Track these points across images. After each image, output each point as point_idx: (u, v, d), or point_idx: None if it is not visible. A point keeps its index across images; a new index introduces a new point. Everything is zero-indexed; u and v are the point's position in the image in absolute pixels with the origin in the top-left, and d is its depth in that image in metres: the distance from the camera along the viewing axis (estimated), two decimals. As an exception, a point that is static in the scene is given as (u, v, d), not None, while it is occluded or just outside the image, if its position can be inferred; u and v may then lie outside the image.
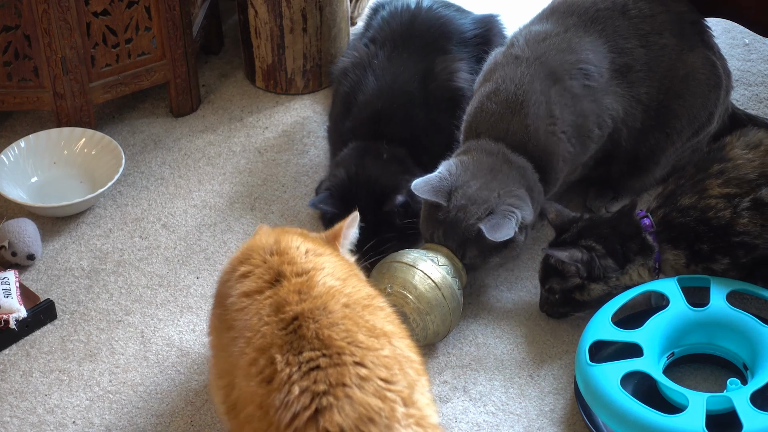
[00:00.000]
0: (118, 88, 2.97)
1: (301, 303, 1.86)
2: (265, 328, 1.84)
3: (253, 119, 3.12)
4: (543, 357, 2.44)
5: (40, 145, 2.89)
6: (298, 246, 1.99)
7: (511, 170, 2.46)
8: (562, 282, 2.42)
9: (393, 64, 2.76)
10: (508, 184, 2.44)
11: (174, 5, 2.92)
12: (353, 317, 1.84)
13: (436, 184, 2.42)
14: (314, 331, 1.80)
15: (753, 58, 3.24)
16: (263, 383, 1.78)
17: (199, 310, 2.56)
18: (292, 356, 1.78)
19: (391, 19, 2.86)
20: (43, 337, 2.51)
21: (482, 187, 2.42)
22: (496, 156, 2.48)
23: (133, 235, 2.76)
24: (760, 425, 2.08)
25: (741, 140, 2.45)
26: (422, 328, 2.38)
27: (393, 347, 1.83)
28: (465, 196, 2.41)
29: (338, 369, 1.74)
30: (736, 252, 2.36)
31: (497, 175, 2.44)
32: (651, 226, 2.40)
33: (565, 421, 2.30)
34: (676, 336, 2.32)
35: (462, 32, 2.86)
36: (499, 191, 2.42)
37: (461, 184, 2.42)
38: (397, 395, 1.75)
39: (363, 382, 1.73)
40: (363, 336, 1.81)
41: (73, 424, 2.32)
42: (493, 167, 2.45)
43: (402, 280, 2.38)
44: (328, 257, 2.00)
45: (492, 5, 3.33)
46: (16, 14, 2.79)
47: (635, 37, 2.60)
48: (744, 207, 2.35)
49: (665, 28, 2.62)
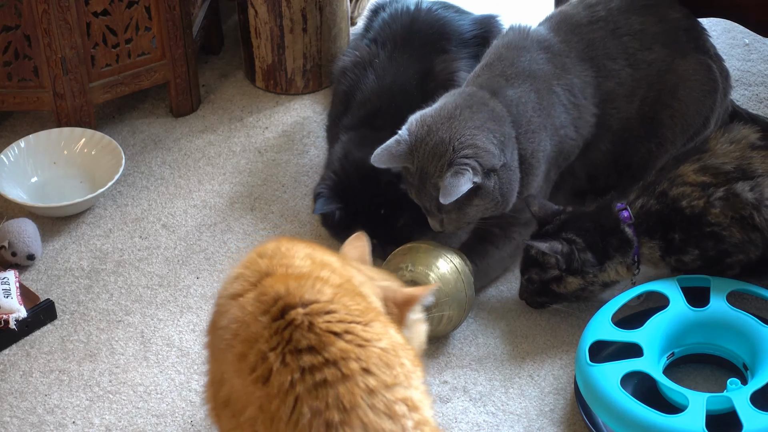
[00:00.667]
0: (118, 88, 2.97)
1: (283, 283, 1.78)
2: (249, 317, 1.77)
3: (253, 119, 3.12)
4: (543, 357, 2.44)
5: (40, 145, 2.89)
6: (297, 252, 1.92)
7: (471, 112, 2.41)
8: (541, 273, 2.43)
9: (393, 64, 2.77)
10: (463, 129, 2.37)
11: (174, 5, 2.93)
12: (342, 299, 1.76)
13: (394, 150, 2.38)
14: (307, 321, 1.72)
15: (753, 58, 3.24)
16: (258, 383, 1.72)
17: (199, 310, 2.56)
18: (290, 356, 1.70)
19: (391, 20, 2.87)
20: (43, 337, 2.51)
21: (438, 141, 2.36)
22: (460, 97, 2.44)
23: (133, 235, 2.76)
24: (760, 425, 2.09)
25: (725, 136, 2.45)
26: (438, 311, 2.38)
27: (389, 335, 1.77)
28: (423, 156, 2.37)
29: (348, 386, 1.66)
30: (706, 243, 2.37)
31: (453, 122, 2.38)
32: (629, 218, 2.41)
33: (565, 421, 2.30)
34: (676, 336, 2.32)
35: (461, 33, 2.87)
36: (454, 143, 2.36)
37: (419, 141, 2.38)
38: (403, 404, 1.70)
39: (373, 399, 1.67)
40: (359, 327, 1.73)
41: (73, 424, 2.32)
42: (452, 113, 2.40)
43: (425, 259, 2.40)
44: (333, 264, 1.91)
45: (492, 6, 3.33)
46: (16, 14, 2.79)
47: (623, 57, 2.60)
48: (717, 197, 2.35)
49: (656, 41, 2.62)
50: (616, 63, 2.59)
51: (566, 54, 2.56)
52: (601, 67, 2.59)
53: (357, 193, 2.57)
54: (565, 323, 2.51)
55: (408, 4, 2.90)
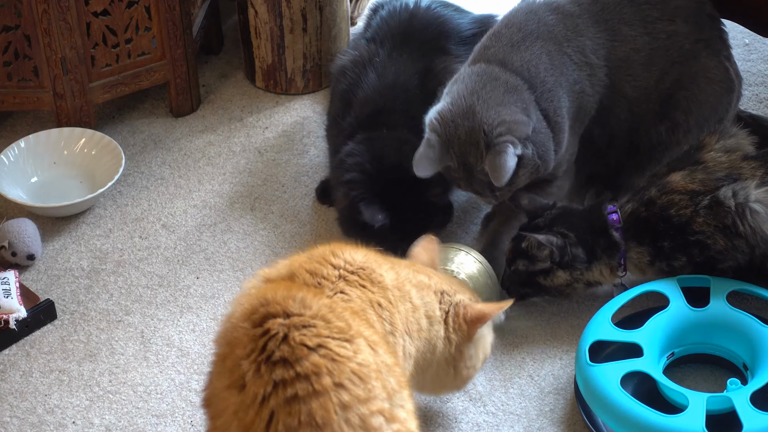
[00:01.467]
0: (118, 88, 2.97)
1: (278, 290, 1.76)
2: (236, 320, 1.76)
3: (253, 119, 3.12)
4: (543, 357, 2.44)
5: (40, 145, 2.89)
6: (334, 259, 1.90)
7: (487, 91, 2.41)
8: (529, 264, 2.44)
9: (393, 62, 2.76)
10: (487, 110, 2.38)
11: (174, 5, 2.93)
12: (326, 316, 1.74)
13: (431, 155, 2.40)
14: (282, 332, 1.70)
15: (753, 58, 3.24)
16: (233, 389, 1.70)
17: (199, 310, 2.56)
18: (265, 366, 1.67)
19: (390, 18, 2.86)
20: (43, 337, 2.51)
21: (468, 130, 2.38)
22: (471, 81, 2.44)
23: (133, 235, 2.76)
24: (760, 425, 2.08)
25: (720, 144, 2.46)
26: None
27: (373, 352, 1.74)
28: (459, 150, 2.39)
29: (321, 401, 1.63)
30: (692, 250, 2.38)
31: (474, 107, 2.39)
32: (618, 221, 2.42)
33: (565, 421, 2.30)
34: (676, 336, 2.32)
35: (460, 31, 2.86)
36: (484, 127, 2.37)
37: (449, 137, 2.39)
38: (380, 415, 1.67)
39: (347, 414, 1.64)
40: (335, 343, 1.70)
41: (73, 424, 2.32)
42: (470, 100, 2.40)
43: (454, 260, 2.42)
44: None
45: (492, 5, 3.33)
46: (16, 14, 2.79)
47: (640, 24, 2.59)
48: (703, 205, 2.36)
49: (678, 14, 2.60)
50: (632, 29, 2.58)
51: (578, 15, 2.56)
52: (616, 31, 2.57)
53: (397, 197, 2.56)
54: (565, 323, 2.51)
55: (407, 1, 2.89)
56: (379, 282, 1.92)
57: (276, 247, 2.71)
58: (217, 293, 2.60)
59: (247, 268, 2.65)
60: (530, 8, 2.56)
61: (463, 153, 2.40)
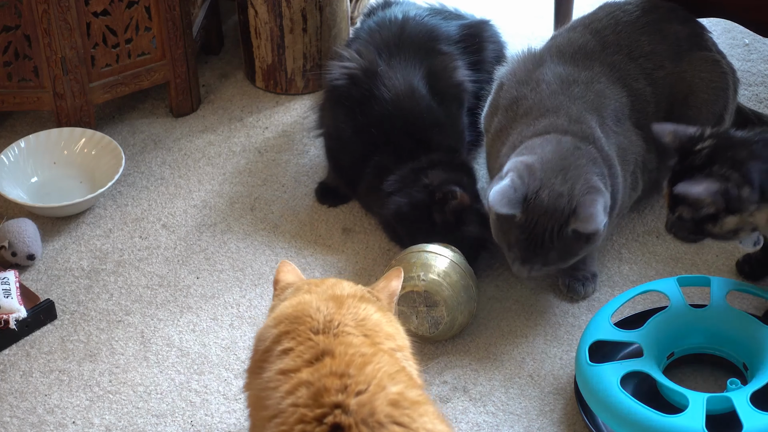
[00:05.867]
0: (118, 88, 2.97)
1: (344, 394, 1.65)
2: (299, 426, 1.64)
3: (253, 119, 3.12)
4: (543, 357, 2.44)
5: (40, 145, 2.89)
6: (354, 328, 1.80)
7: (582, 160, 2.38)
8: (692, 212, 2.21)
9: (395, 70, 2.74)
10: (580, 175, 2.35)
11: (174, 5, 2.93)
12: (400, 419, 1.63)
13: (511, 196, 2.32)
14: None
15: (753, 58, 3.24)
16: None
17: (199, 310, 2.56)
18: None
19: (379, 28, 2.84)
20: (43, 337, 2.51)
21: (555, 195, 2.33)
22: (564, 148, 2.40)
23: (133, 235, 2.76)
24: (760, 425, 2.09)
25: None
26: (451, 318, 2.40)
27: None
28: (536, 209, 2.33)
29: None
30: None
31: (567, 171, 2.35)
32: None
33: (565, 421, 2.30)
34: (676, 336, 2.32)
35: (449, 37, 2.86)
36: (575, 185, 2.33)
37: (531, 192, 2.33)
38: None
39: None
40: None
41: (73, 424, 2.32)
42: (563, 164, 2.36)
43: (435, 268, 2.41)
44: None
45: (489, 8, 3.34)
46: (16, 14, 2.79)
47: (643, 77, 2.62)
48: None
49: (664, 58, 2.64)
50: (638, 83, 2.61)
51: (597, 80, 2.56)
52: (631, 89, 2.60)
53: None
54: (565, 323, 2.51)
55: (395, 12, 2.88)
56: None
57: (276, 247, 2.71)
58: (217, 293, 2.60)
59: (247, 268, 2.66)
60: (560, 87, 2.54)
61: (538, 213, 2.33)
